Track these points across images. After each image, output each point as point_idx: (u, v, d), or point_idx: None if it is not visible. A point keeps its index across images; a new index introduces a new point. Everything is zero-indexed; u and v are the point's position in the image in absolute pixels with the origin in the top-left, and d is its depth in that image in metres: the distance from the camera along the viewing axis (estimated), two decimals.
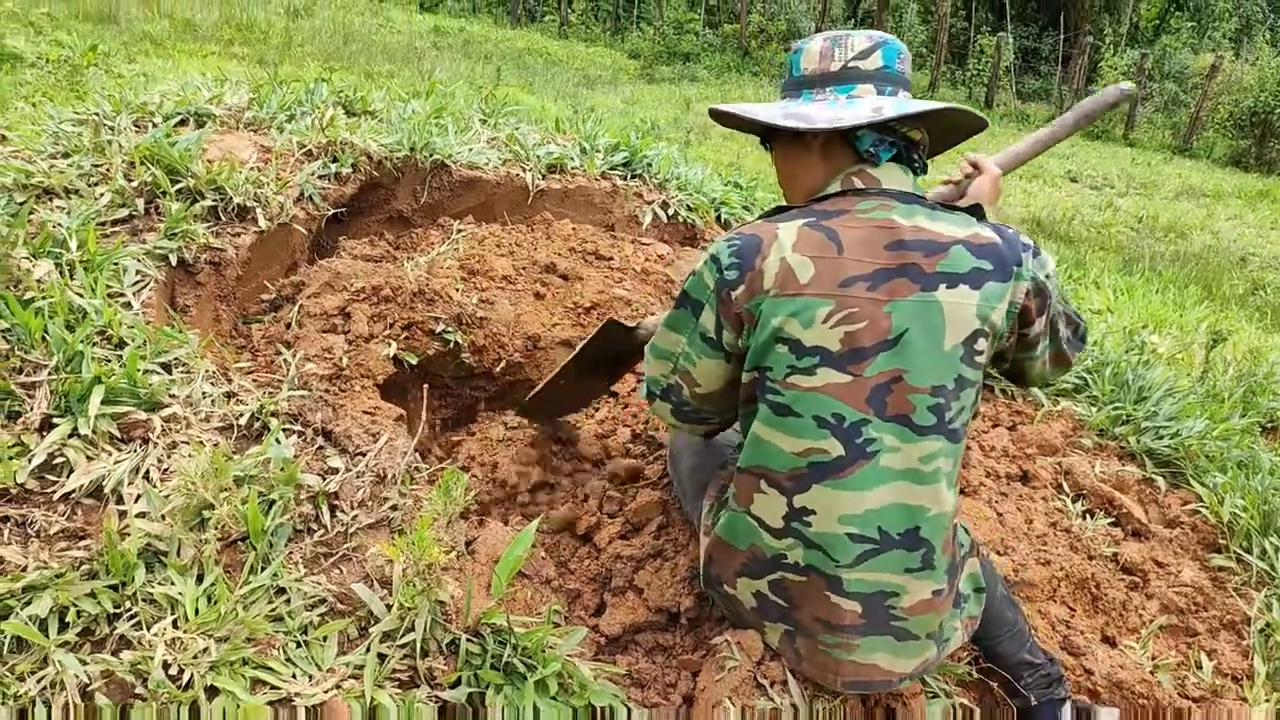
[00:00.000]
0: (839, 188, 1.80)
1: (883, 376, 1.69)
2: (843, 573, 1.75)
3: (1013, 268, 1.73)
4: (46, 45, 10.14)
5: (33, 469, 1.80)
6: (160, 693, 1.55)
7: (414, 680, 1.74)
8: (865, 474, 1.71)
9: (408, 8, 27.65)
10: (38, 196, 2.44)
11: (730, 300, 1.74)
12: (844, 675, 1.83)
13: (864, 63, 1.79)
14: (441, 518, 1.84)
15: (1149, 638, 2.71)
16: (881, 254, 1.70)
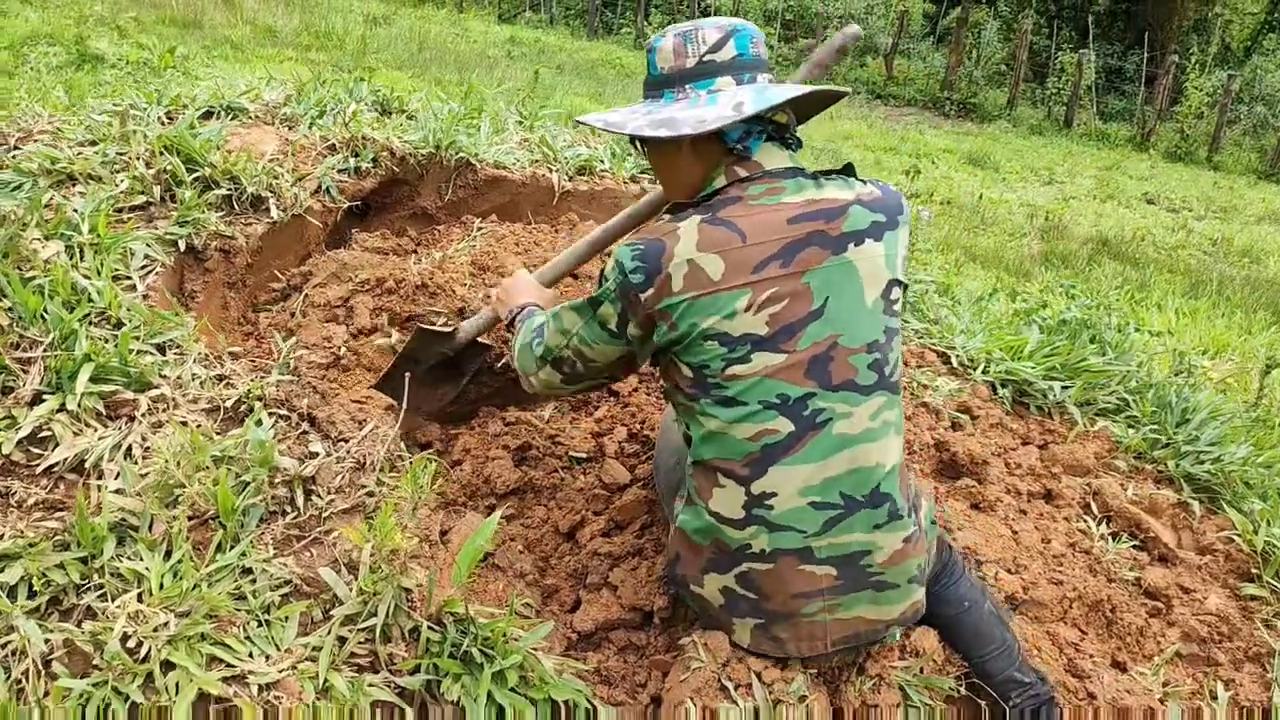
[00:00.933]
0: (724, 181, 1.82)
1: (818, 347, 1.73)
2: (811, 542, 1.78)
3: (898, 215, 1.82)
4: (129, 48, 10.48)
5: (18, 441, 1.85)
6: (115, 664, 1.58)
7: (374, 665, 1.74)
8: (818, 444, 1.75)
9: (486, 19, 28.02)
10: (61, 182, 2.52)
11: (639, 301, 1.77)
12: (832, 635, 1.86)
13: (718, 55, 1.79)
14: (408, 505, 1.84)
15: (1162, 664, 2.61)
16: (785, 229, 1.73)
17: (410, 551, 1.87)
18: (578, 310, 1.91)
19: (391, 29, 17.88)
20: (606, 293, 1.82)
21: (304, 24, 15.37)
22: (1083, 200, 12.34)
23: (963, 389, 3.57)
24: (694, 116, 1.73)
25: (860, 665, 2.05)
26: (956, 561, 2.28)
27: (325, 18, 16.28)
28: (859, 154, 14.15)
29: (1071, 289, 5.08)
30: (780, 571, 1.79)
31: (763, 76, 1.84)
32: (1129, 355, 4.21)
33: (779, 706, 1.83)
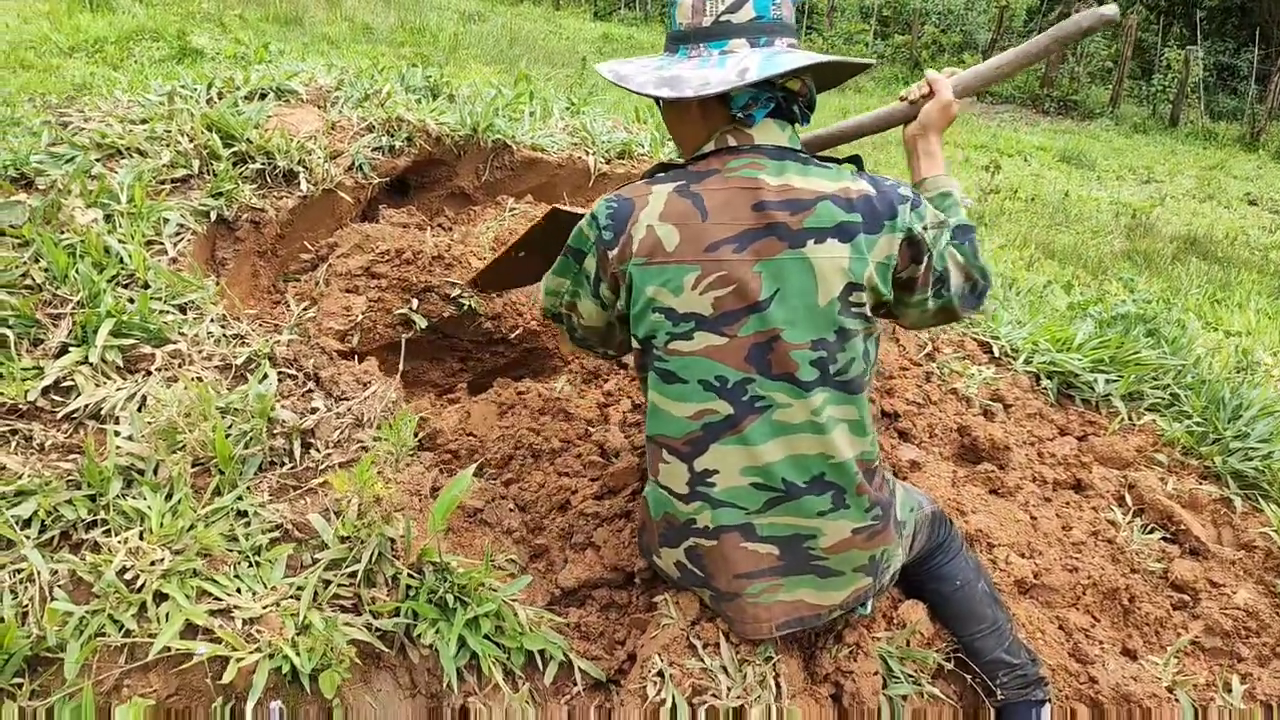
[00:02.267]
0: (713, 147, 1.80)
1: (760, 336, 1.73)
2: (754, 519, 1.80)
3: (885, 220, 1.75)
4: (227, 43, 10.87)
5: (43, 390, 1.99)
6: (111, 593, 1.70)
7: (357, 608, 1.83)
8: (758, 428, 1.76)
9: (581, 16, 28.26)
10: (111, 155, 2.68)
11: (607, 259, 1.79)
12: (775, 618, 1.86)
13: (735, 15, 1.75)
14: (391, 457, 1.93)
15: (1173, 654, 2.57)
16: (747, 215, 1.72)
17: (397, 503, 1.97)
18: (561, 269, 1.95)
19: (485, 26, 18.20)
20: (585, 244, 1.85)
21: (400, 21, 15.74)
22: (1180, 200, 11.95)
23: (999, 378, 3.54)
24: (700, 77, 1.71)
25: (839, 634, 2.08)
26: (953, 539, 2.28)
27: (421, 15, 16.63)
28: (948, 151, 13.95)
29: (1131, 282, 4.96)
30: (724, 549, 1.82)
31: (781, 41, 1.78)
32: (1186, 351, 4.11)
33: (744, 666, 1.86)
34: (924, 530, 2.16)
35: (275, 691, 1.68)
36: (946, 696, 2.22)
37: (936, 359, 3.48)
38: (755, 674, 1.86)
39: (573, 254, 1.90)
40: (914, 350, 3.40)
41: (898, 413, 3.07)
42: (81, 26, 10.22)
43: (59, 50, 9.34)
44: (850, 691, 2.00)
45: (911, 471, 2.89)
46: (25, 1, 11.48)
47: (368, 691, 1.80)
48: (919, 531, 2.14)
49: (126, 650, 1.67)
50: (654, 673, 1.84)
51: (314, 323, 2.41)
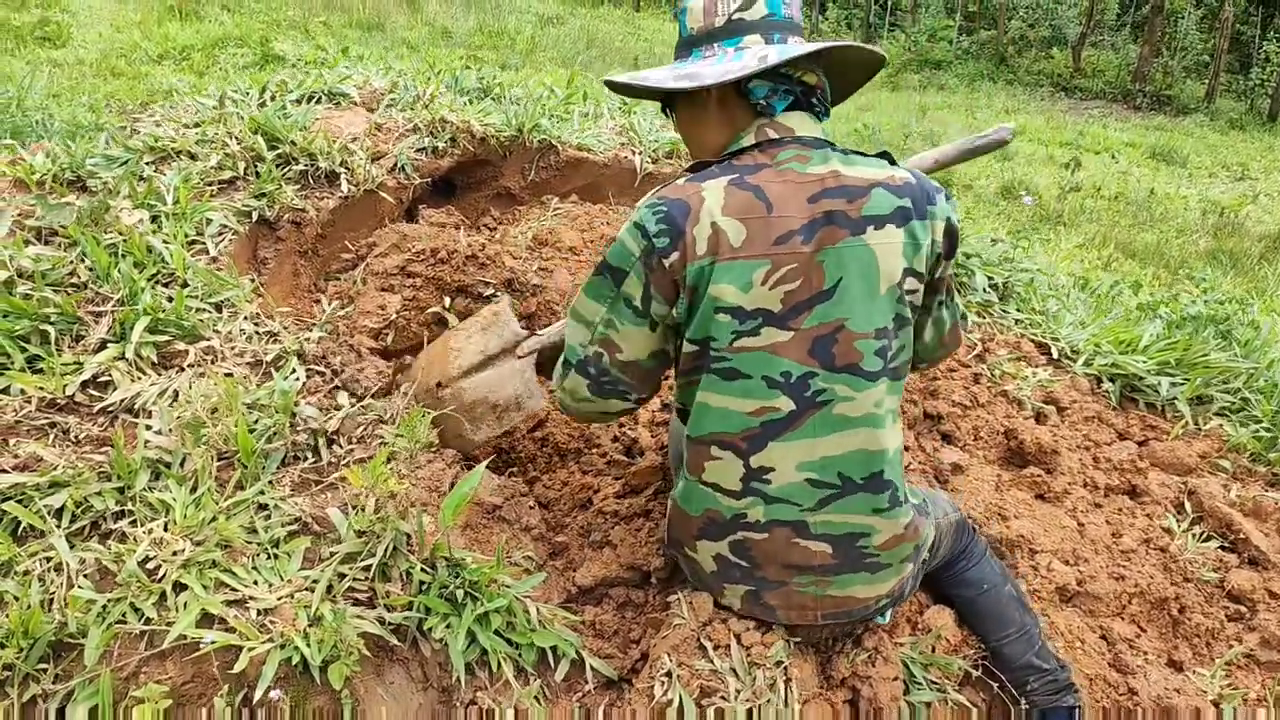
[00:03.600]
0: (753, 139, 1.75)
1: (824, 328, 1.68)
2: (807, 516, 1.77)
3: (927, 206, 1.74)
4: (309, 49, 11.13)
5: (81, 384, 2.06)
6: (133, 582, 1.75)
7: (371, 601, 1.86)
8: (817, 423, 1.72)
9: (662, 17, 28.30)
10: (162, 158, 2.76)
11: (662, 268, 1.69)
12: (823, 609, 1.86)
13: (748, 13, 1.74)
14: (405, 453, 1.96)
15: (1221, 666, 2.48)
16: (805, 205, 1.68)
17: (415, 499, 1.99)
18: (596, 293, 1.80)
19: (562, 29, 18.35)
20: (628, 261, 1.73)
21: (479, 24, 15.94)
22: (1274, 198, 11.51)
23: (1055, 380, 3.45)
24: (719, 70, 1.69)
25: (857, 638, 2.05)
26: (978, 544, 2.24)
27: (500, 18, 16.83)
28: (1029, 148, 13.63)
29: (1203, 282, 4.79)
30: (775, 541, 1.80)
31: (794, 38, 1.77)
32: (1259, 354, 3.96)
33: (754, 669, 1.85)
34: (949, 537, 2.13)
35: (286, 681, 1.72)
36: (974, 704, 2.17)
37: (987, 360, 3.40)
38: (765, 677, 1.84)
39: (611, 274, 1.77)
40: (962, 351, 3.33)
41: (941, 415, 3.01)
42: (170, 35, 10.55)
43: (148, 58, 9.67)
44: (867, 697, 1.97)
45: (954, 475, 2.84)
46: (119, 11, 11.90)
47: (380, 684, 1.83)
48: (943, 538, 2.10)
49: (146, 638, 1.72)
50: (662, 673, 1.84)
51: (349, 321, 2.46)
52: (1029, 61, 23.84)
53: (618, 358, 1.83)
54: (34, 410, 2.00)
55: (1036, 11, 25.98)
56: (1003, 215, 8.50)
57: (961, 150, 2.30)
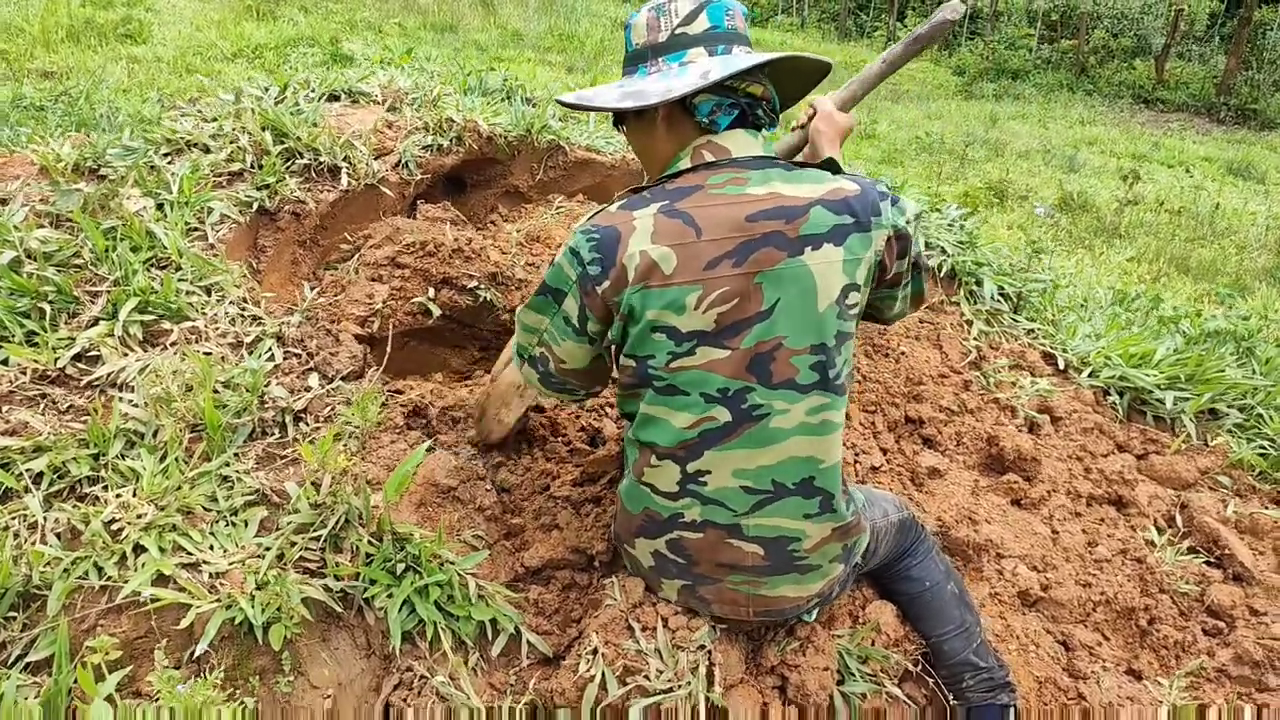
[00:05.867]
0: (689, 163, 1.80)
1: (763, 346, 1.73)
2: (741, 520, 1.83)
3: (871, 218, 1.75)
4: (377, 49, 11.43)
5: (72, 358, 2.20)
6: (96, 541, 1.88)
7: (321, 570, 1.97)
8: (755, 435, 1.77)
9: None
10: (178, 150, 2.92)
11: (595, 293, 1.76)
12: (755, 607, 1.92)
13: (690, 28, 1.77)
14: (358, 432, 2.06)
15: (1182, 677, 2.49)
16: (742, 227, 1.71)
17: (372, 476, 2.10)
18: (538, 307, 1.89)
19: None
20: (565, 283, 1.81)
21: (549, 27, 16.12)
22: None
23: (1056, 390, 3.45)
24: (663, 87, 1.73)
25: (790, 627, 2.10)
26: (923, 543, 2.28)
27: (573, 21, 17.00)
28: (1100, 159, 13.39)
29: (1229, 297, 4.70)
30: (709, 541, 1.86)
31: (739, 48, 1.81)
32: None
33: (678, 651, 1.92)
34: (889, 538, 2.17)
35: (229, 640, 1.83)
36: (913, 699, 2.21)
37: (983, 367, 3.41)
38: (688, 660, 1.91)
39: (551, 294, 1.85)
40: (957, 358, 3.35)
41: (923, 419, 3.04)
42: (245, 34, 10.90)
43: (223, 56, 10.00)
44: (795, 684, 2.03)
45: (930, 478, 2.87)
46: (201, 10, 12.32)
47: (325, 649, 1.93)
48: (882, 541, 2.14)
49: (105, 594, 1.84)
50: (589, 650, 1.91)
51: (337, 308, 2.57)
52: (1110, 72, 23.34)
53: (562, 366, 1.93)
54: (27, 381, 2.15)
55: (1122, 21, 25.44)
56: (1053, 226, 8.40)
57: (907, 46, 2.26)
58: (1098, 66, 23.91)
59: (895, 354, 3.14)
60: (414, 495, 2.16)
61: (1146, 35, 24.58)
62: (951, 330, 3.50)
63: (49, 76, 8.12)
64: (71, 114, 5.71)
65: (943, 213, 4.25)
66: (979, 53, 25.15)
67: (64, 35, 9.67)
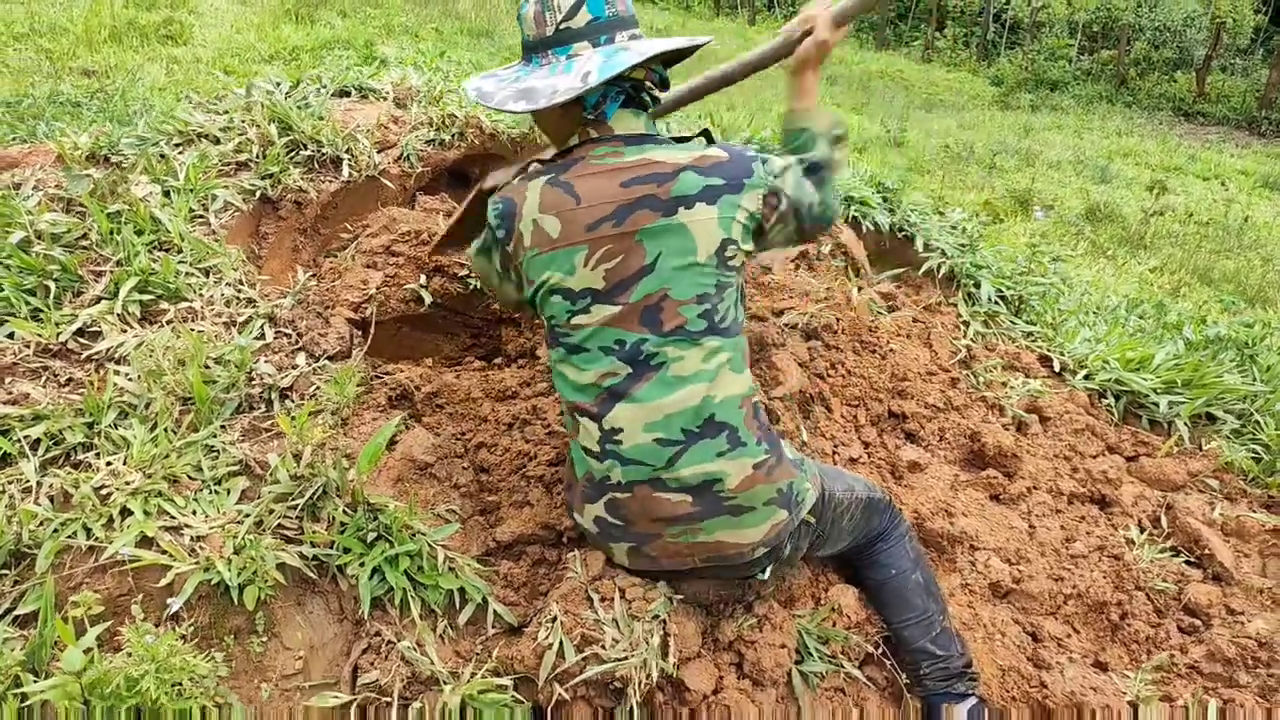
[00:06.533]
0: (578, 140, 2.00)
1: (650, 299, 1.89)
2: (662, 474, 1.93)
3: (744, 179, 1.93)
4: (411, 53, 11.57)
5: (73, 333, 2.32)
6: (86, 504, 1.98)
7: (298, 538, 2.06)
8: (656, 384, 1.91)
9: (774, 29, 28.34)
10: (188, 141, 3.04)
11: (506, 252, 2.01)
12: (699, 554, 2.00)
13: (573, 22, 1.91)
14: (335, 406, 2.16)
15: (1149, 671, 2.52)
16: (616, 192, 1.90)
17: (350, 450, 2.19)
18: (480, 249, 2.16)
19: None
20: (486, 242, 2.08)
21: None
22: None
23: (1048, 391, 3.48)
24: (550, 86, 1.87)
25: (748, 604, 2.17)
26: (897, 529, 2.33)
27: None
28: (1134, 171, 13.32)
29: (1232, 304, 4.70)
30: (639, 499, 1.96)
31: (622, 34, 1.95)
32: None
33: (634, 622, 1.99)
34: (857, 512, 2.22)
35: (206, 600, 1.93)
36: (872, 681, 2.27)
37: (973, 366, 3.46)
38: (643, 630, 1.98)
39: (483, 244, 2.13)
40: (946, 356, 3.40)
41: (906, 414, 3.09)
42: (283, 36, 11.08)
43: (260, 57, 10.19)
44: (752, 661, 2.09)
45: (910, 472, 2.92)
46: (242, 13, 12.55)
47: (300, 613, 2.02)
48: (847, 511, 2.20)
49: (93, 554, 1.94)
50: (549, 619, 1.99)
51: (334, 293, 2.67)
52: (1150, 84, 23.19)
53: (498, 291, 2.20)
54: (31, 354, 2.26)
55: (1164, 33, 25.25)
56: (1077, 235, 8.38)
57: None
58: (1138, 79, 23.74)
59: (883, 350, 3.19)
60: (392, 470, 2.25)
61: (1189, 48, 24.37)
62: (943, 330, 3.55)
63: (89, 75, 8.32)
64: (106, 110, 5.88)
65: (945, 216, 4.30)
66: (1018, 63, 25.08)
67: (107, 35, 9.89)
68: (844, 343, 3.13)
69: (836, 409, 2.93)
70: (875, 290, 3.69)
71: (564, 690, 1.94)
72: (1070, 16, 26.50)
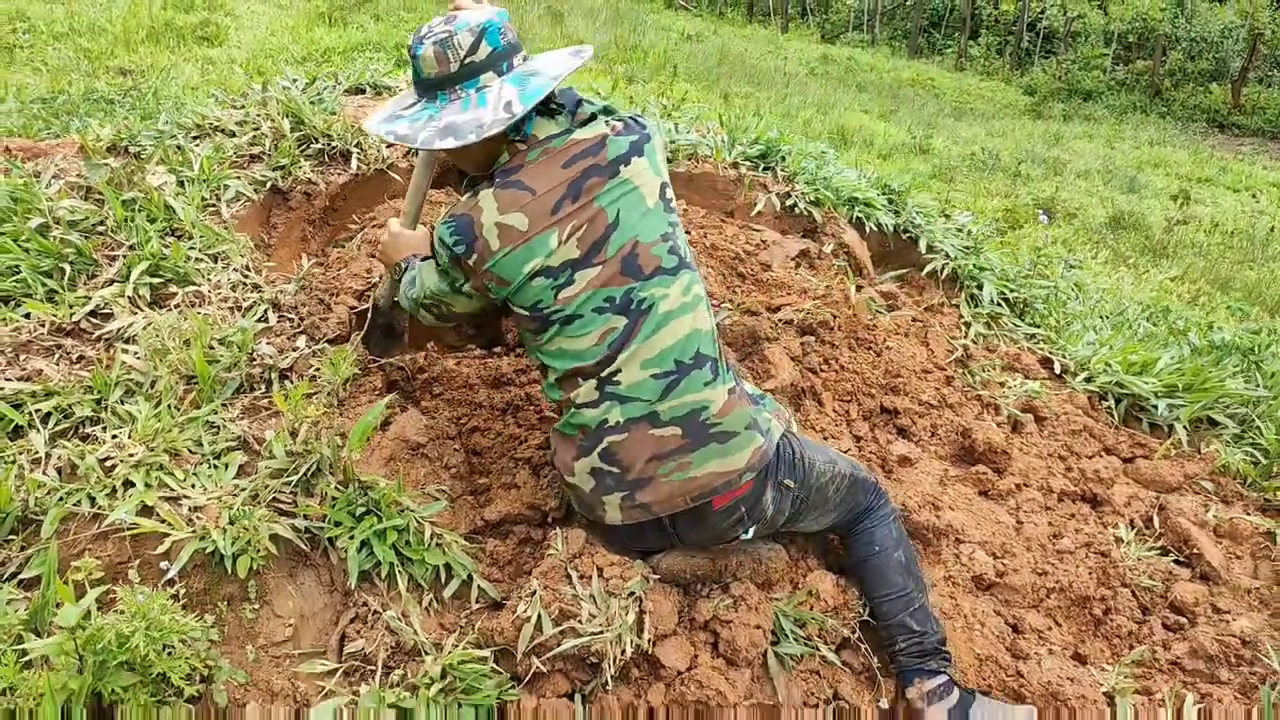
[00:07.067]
0: (508, 156, 2.09)
1: (624, 250, 2.05)
2: (656, 406, 2.05)
3: (646, 130, 2.14)
4: None
5: (86, 314, 2.42)
6: (91, 474, 2.08)
7: (291, 511, 2.15)
8: (649, 324, 2.05)
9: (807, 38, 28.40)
10: (205, 134, 3.15)
11: (468, 265, 2.08)
12: (691, 491, 2.08)
13: (476, 56, 1.99)
14: (331, 387, 2.25)
15: (1127, 665, 2.56)
16: (563, 173, 2.04)
17: (344, 429, 2.28)
18: (432, 270, 2.23)
19: (699, 45, 18.68)
20: (444, 261, 2.14)
21: (615, 39, 16.36)
22: None
23: (1046, 392, 3.52)
24: (472, 121, 1.95)
25: (725, 585, 2.23)
26: (881, 509, 2.40)
27: (640, 34, 17.21)
28: (1163, 181, 13.24)
29: (1238, 310, 4.70)
30: (634, 439, 2.06)
31: (518, 58, 2.06)
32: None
33: (611, 599, 2.06)
34: (842, 485, 2.31)
35: (201, 568, 2.01)
36: (848, 666, 2.32)
37: (969, 365, 3.50)
38: (619, 606, 2.05)
39: (437, 262, 2.19)
40: (943, 355, 3.44)
41: (898, 410, 3.13)
42: (315, 39, 11.27)
43: (292, 59, 10.36)
44: (727, 640, 2.16)
45: (900, 466, 2.97)
46: (277, 16, 12.75)
47: (292, 583, 2.11)
48: (837, 484, 2.30)
49: (95, 522, 2.04)
50: (528, 593, 2.07)
51: (338, 281, 2.76)
52: (1185, 95, 22.99)
53: (453, 311, 2.28)
54: (45, 333, 2.37)
55: (1200, 44, 25.02)
56: (1098, 244, 8.37)
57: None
58: (1172, 89, 23.55)
59: (879, 348, 3.25)
60: (384, 450, 2.33)
61: (1225, 59, 24.14)
62: (941, 329, 3.59)
63: (125, 74, 8.51)
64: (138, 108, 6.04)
65: (951, 218, 4.34)
66: (1051, 72, 24.94)
67: (144, 36, 10.09)
68: (840, 339, 3.18)
69: (828, 403, 2.99)
70: (876, 290, 3.74)
71: (541, 663, 2.01)
72: (1106, 26, 26.32)
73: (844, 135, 12.25)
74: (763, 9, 32.88)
